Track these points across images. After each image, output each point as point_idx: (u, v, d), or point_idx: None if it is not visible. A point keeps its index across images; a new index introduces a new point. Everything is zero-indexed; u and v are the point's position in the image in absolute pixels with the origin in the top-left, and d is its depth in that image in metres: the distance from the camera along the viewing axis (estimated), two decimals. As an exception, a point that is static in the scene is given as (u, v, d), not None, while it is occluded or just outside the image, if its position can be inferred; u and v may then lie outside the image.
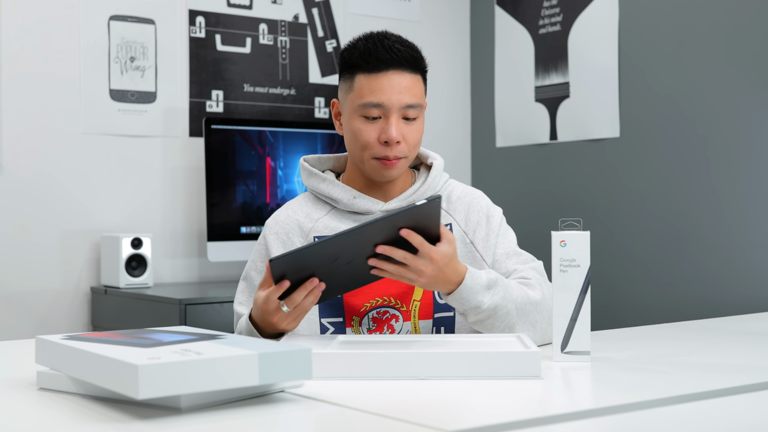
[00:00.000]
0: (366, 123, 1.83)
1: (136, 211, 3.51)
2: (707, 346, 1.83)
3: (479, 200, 1.96)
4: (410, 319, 1.83)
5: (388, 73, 1.80)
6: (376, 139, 1.82)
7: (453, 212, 1.93)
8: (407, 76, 1.82)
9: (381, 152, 1.82)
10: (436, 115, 4.22)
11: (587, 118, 3.76)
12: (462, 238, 1.90)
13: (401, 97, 1.81)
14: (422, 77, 1.87)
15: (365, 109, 1.82)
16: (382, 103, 1.80)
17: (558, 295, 1.57)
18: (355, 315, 1.83)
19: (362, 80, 1.82)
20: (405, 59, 1.81)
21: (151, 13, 3.54)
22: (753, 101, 3.20)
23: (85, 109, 3.41)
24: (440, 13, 4.27)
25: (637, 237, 3.58)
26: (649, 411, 1.23)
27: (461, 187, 1.99)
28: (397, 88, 1.80)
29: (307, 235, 1.88)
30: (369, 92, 1.81)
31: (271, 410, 1.22)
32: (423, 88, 1.86)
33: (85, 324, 3.40)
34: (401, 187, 1.93)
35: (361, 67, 1.82)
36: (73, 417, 1.19)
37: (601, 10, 3.71)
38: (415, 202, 1.79)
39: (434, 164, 1.95)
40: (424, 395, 1.32)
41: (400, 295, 1.84)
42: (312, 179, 1.93)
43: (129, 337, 1.36)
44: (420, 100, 1.84)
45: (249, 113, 3.74)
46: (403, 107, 1.81)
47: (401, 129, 1.81)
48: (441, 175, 1.96)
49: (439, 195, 1.67)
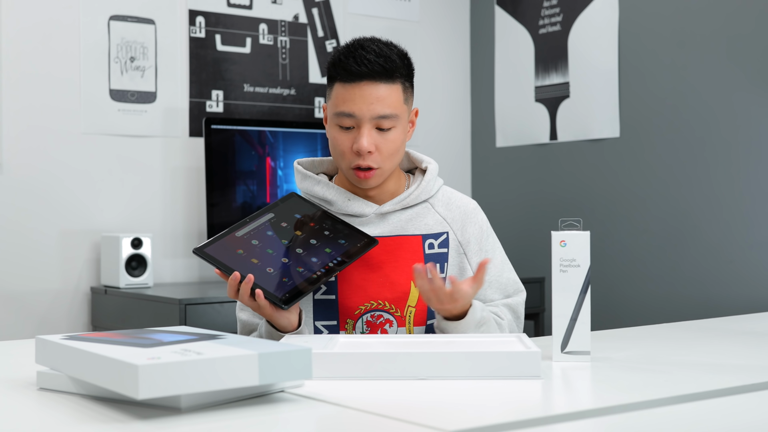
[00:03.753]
0: (341, 132, 1.84)
1: (136, 211, 3.51)
2: (707, 346, 1.83)
3: (476, 214, 1.97)
4: (405, 324, 1.84)
5: (361, 83, 1.81)
6: (350, 148, 1.83)
7: (451, 221, 1.93)
8: (381, 86, 1.81)
9: (355, 161, 1.84)
10: (436, 115, 4.22)
11: (587, 118, 3.76)
12: (457, 248, 1.92)
13: (373, 108, 1.81)
14: (402, 85, 1.86)
15: (339, 119, 1.83)
16: (353, 114, 1.81)
17: (558, 295, 1.57)
18: (349, 318, 1.84)
19: (338, 89, 1.84)
20: (376, 71, 1.81)
21: (151, 13, 3.54)
22: (752, 102, 3.20)
23: (85, 109, 3.41)
24: (440, 13, 4.27)
25: (637, 237, 3.58)
26: (649, 411, 1.23)
27: (458, 195, 2.00)
28: (368, 98, 1.81)
29: None
30: (342, 102, 1.83)
31: (271, 410, 1.22)
32: (401, 97, 1.85)
33: (85, 324, 3.40)
34: (394, 191, 1.93)
35: (339, 77, 1.84)
36: (73, 417, 1.19)
37: (601, 11, 3.71)
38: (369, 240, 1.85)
39: (429, 168, 1.96)
40: (424, 395, 1.32)
41: (395, 299, 1.85)
42: (306, 182, 1.95)
43: (129, 337, 1.36)
44: (395, 110, 1.83)
45: (249, 113, 3.74)
46: (375, 117, 1.81)
47: (374, 139, 1.82)
48: (435, 180, 1.97)
49: (376, 242, 1.81)
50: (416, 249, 1.89)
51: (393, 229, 1.89)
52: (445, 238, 1.91)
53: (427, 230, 1.90)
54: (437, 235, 1.91)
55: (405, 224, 1.90)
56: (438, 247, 1.90)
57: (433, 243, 1.90)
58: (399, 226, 1.90)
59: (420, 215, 1.92)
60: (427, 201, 1.94)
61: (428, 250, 1.89)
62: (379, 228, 1.89)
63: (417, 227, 1.90)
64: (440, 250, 1.90)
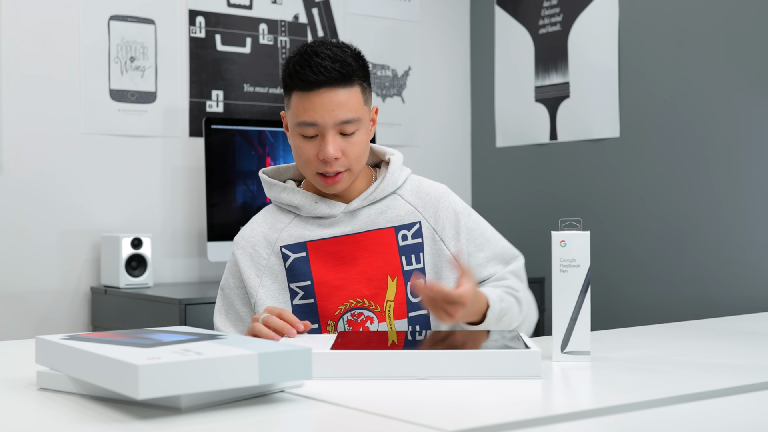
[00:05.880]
0: (304, 141, 1.82)
1: (136, 211, 3.51)
2: (707, 346, 1.83)
3: (447, 197, 1.94)
4: (385, 320, 1.83)
5: (319, 91, 1.78)
6: (315, 156, 1.82)
7: (422, 210, 1.92)
8: (340, 91, 1.79)
9: (321, 168, 1.82)
10: (436, 115, 4.22)
11: (587, 118, 3.76)
12: (432, 236, 1.90)
13: (335, 115, 1.79)
14: (361, 86, 1.84)
15: (301, 128, 1.81)
16: (315, 122, 1.79)
17: (558, 295, 1.57)
18: (330, 319, 1.84)
19: (296, 99, 1.82)
20: (334, 78, 1.78)
21: (151, 13, 3.54)
22: (752, 101, 3.20)
23: (85, 109, 3.41)
24: (440, 13, 4.27)
25: (637, 237, 3.58)
26: (649, 411, 1.23)
27: (427, 182, 1.97)
28: (329, 106, 1.78)
29: (273, 245, 1.89)
30: (303, 111, 1.80)
31: (271, 410, 1.22)
32: (361, 99, 1.83)
33: (85, 324, 3.40)
34: (361, 188, 1.92)
35: (296, 87, 1.81)
36: (73, 417, 1.19)
37: (601, 10, 3.71)
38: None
39: (392, 159, 1.94)
40: (424, 395, 1.32)
41: (372, 296, 1.84)
42: (273, 190, 1.94)
43: (129, 337, 1.36)
44: (357, 113, 1.81)
45: (249, 113, 3.74)
46: (338, 123, 1.80)
47: (339, 145, 1.81)
48: (401, 170, 1.95)
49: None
50: (390, 242, 1.87)
51: (364, 225, 1.88)
52: (418, 228, 1.89)
53: (399, 221, 1.89)
54: (410, 225, 1.89)
55: (375, 218, 1.89)
56: (411, 237, 1.88)
57: (407, 234, 1.88)
58: (369, 221, 1.88)
59: (390, 207, 1.90)
60: (395, 192, 1.92)
61: (402, 242, 1.87)
62: (350, 226, 1.88)
63: (388, 219, 1.89)
64: (414, 241, 1.88)
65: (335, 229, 1.87)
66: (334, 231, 1.87)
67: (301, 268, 1.85)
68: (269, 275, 1.87)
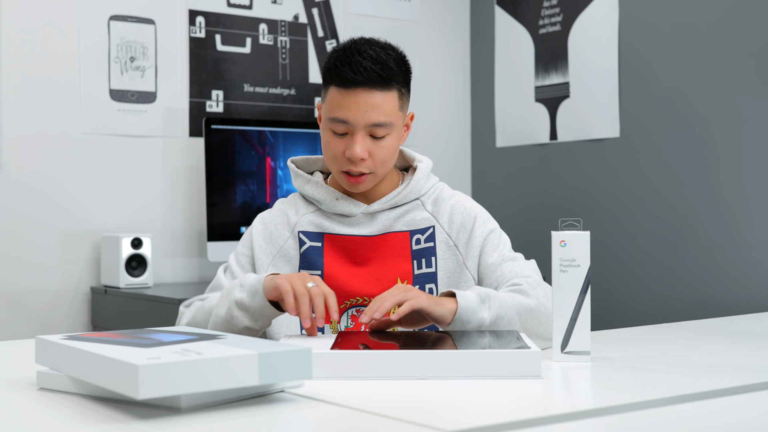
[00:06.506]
0: (334, 137, 1.83)
1: (136, 211, 3.51)
2: (707, 346, 1.83)
3: (463, 202, 1.93)
4: None
5: (356, 90, 1.78)
6: (342, 153, 1.82)
7: (438, 215, 1.92)
8: (376, 94, 1.79)
9: (346, 166, 1.83)
10: (436, 115, 4.22)
11: (587, 118, 3.76)
12: (446, 240, 1.89)
13: (367, 116, 1.79)
14: (399, 92, 1.83)
15: (333, 124, 1.82)
16: (347, 120, 1.80)
17: (558, 295, 1.57)
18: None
19: (333, 94, 1.82)
20: (372, 79, 1.78)
21: (151, 13, 3.54)
22: (753, 101, 3.20)
23: (85, 109, 3.41)
24: (440, 13, 4.27)
25: (637, 237, 3.58)
26: (649, 411, 1.23)
27: (449, 191, 1.98)
28: (363, 106, 1.78)
29: (293, 228, 1.90)
30: (336, 107, 1.80)
31: (271, 410, 1.22)
32: (396, 104, 1.82)
33: (85, 324, 3.40)
34: (385, 190, 1.93)
35: (333, 81, 1.81)
36: (73, 417, 1.19)
37: (601, 10, 3.71)
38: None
39: (419, 167, 1.94)
40: (424, 395, 1.32)
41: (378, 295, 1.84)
42: (298, 180, 1.95)
43: (129, 337, 1.36)
44: (390, 117, 1.81)
45: (249, 113, 3.74)
46: (369, 125, 1.80)
47: (367, 146, 1.81)
48: (428, 178, 1.94)
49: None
50: (403, 245, 1.87)
51: (381, 228, 1.89)
52: (431, 233, 1.89)
53: (415, 225, 1.89)
54: (424, 230, 1.89)
55: (393, 222, 1.89)
56: (424, 242, 1.89)
57: (420, 238, 1.89)
58: (387, 224, 1.89)
59: (408, 213, 1.91)
60: (418, 199, 1.93)
61: (415, 246, 1.88)
62: (368, 228, 1.89)
63: (404, 223, 1.89)
64: (427, 245, 1.88)
65: (353, 229, 1.88)
66: (352, 230, 1.88)
67: (314, 257, 1.87)
68: (283, 257, 1.88)
